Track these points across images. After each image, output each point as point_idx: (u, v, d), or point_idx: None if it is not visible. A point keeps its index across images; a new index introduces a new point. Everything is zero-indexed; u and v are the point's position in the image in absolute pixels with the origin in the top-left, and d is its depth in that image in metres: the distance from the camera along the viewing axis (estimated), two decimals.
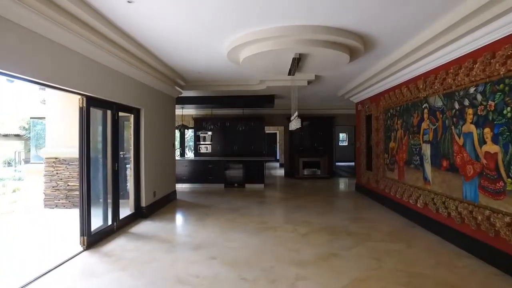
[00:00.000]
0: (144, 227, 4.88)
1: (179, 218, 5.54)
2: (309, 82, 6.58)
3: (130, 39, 4.14)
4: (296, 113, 4.56)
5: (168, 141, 6.90)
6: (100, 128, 4.49)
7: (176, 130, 10.48)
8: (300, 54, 4.20)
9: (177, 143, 12.47)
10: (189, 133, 15.47)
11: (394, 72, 5.25)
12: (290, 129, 5.48)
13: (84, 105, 3.85)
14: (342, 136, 18.76)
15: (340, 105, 11.16)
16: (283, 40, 3.87)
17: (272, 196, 7.67)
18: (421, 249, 3.79)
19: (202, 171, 9.05)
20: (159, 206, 6.07)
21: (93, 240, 3.93)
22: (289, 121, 11.64)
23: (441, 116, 4.16)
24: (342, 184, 9.77)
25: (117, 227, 4.61)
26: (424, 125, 4.61)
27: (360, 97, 7.66)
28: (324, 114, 11.49)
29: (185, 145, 13.23)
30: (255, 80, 6.82)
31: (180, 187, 8.91)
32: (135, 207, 5.35)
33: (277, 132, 16.50)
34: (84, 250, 3.76)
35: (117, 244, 4.02)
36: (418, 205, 4.74)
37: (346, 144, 18.82)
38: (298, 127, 4.56)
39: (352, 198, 7.21)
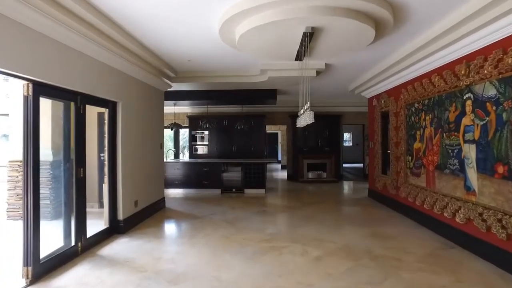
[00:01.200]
0: (118, 247, 3.96)
1: (163, 234, 4.61)
2: (318, 73, 5.66)
3: (98, 13, 3.24)
4: (308, 105, 3.63)
5: (155, 141, 5.98)
6: (65, 125, 3.58)
7: (168, 130, 9.59)
8: (312, 28, 3.27)
9: (171, 144, 11.57)
10: (185, 133, 14.58)
11: (423, 57, 4.32)
12: (298, 125, 4.56)
13: (30, 93, 2.93)
14: (347, 136, 17.84)
15: (348, 102, 10.28)
16: (292, 8, 2.95)
17: (274, 204, 6.75)
18: (477, 284, 2.87)
19: (196, 175, 8.13)
20: (141, 218, 5.15)
21: (42, 270, 3.01)
22: (293, 118, 10.80)
23: (494, 108, 3.23)
24: (351, 188, 8.84)
25: (83, 248, 3.68)
26: (466, 120, 3.69)
27: (375, 91, 6.74)
28: (331, 112, 10.57)
29: (180, 145, 12.31)
30: (255, 69, 5.90)
31: (171, 192, 8.00)
32: (110, 220, 4.43)
33: (279, 132, 15.59)
34: (27, 286, 2.83)
35: (75, 275, 3.09)
36: (458, 220, 3.81)
37: (351, 144, 17.96)
38: (309, 122, 3.62)
39: (366, 207, 6.28)
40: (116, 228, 4.47)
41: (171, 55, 5.00)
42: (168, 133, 11.48)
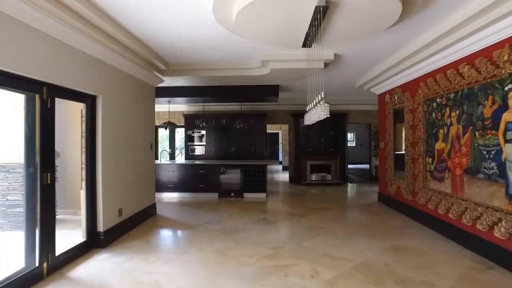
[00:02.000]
0: (95, 265, 3.36)
1: (149, 248, 4.00)
2: (326, 66, 5.06)
3: None
4: (323, 95, 3.01)
5: (145, 141, 5.38)
6: (27, 122, 2.98)
7: (163, 129, 9.00)
8: (327, 1, 2.68)
9: (166, 144, 11.00)
10: (183, 133, 13.97)
11: (449, 44, 3.74)
12: (307, 122, 3.95)
13: None
14: (350, 136, 17.25)
15: (354, 99, 9.71)
16: None
17: (276, 210, 6.15)
18: None
19: (192, 178, 7.54)
20: (127, 228, 4.55)
21: None
22: (295, 117, 10.20)
23: None
24: (358, 192, 8.23)
25: (49, 269, 3.08)
26: (508, 116, 3.09)
27: (387, 87, 6.14)
28: (335, 110, 9.94)
29: (177, 146, 11.72)
30: (255, 61, 5.30)
31: (165, 197, 7.40)
32: (88, 232, 3.83)
33: (280, 131, 15.00)
34: None
35: None
36: (497, 234, 3.21)
37: (354, 144, 17.38)
38: (323, 117, 3.02)
39: (378, 214, 5.68)
40: (95, 242, 3.87)
41: (160, 43, 4.40)
42: (164, 133, 10.89)
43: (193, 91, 7.44)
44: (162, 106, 9.74)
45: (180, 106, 10.20)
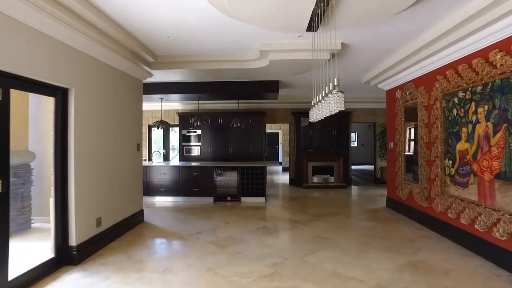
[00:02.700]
0: None
1: (130, 264, 3.46)
2: (332, 56, 4.53)
3: None
4: (335, 82, 2.45)
5: (131, 141, 4.85)
6: None
7: (155, 128, 8.47)
8: None
9: (160, 145, 10.47)
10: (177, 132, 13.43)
11: (478, 28, 3.21)
12: (313, 119, 3.42)
13: None
14: (351, 136, 16.75)
15: (358, 97, 9.18)
16: None
17: (277, 216, 5.61)
18: None
19: (185, 181, 7.00)
20: (107, 239, 4.01)
21: None
22: (296, 116, 9.64)
23: None
24: (364, 196, 7.70)
25: None
26: None
27: (397, 82, 5.62)
28: None
29: (171, 146, 11.18)
30: (253, 52, 4.77)
31: (157, 201, 6.86)
32: (58, 247, 3.29)
33: (280, 131, 14.47)
34: None
35: None
36: None
37: (356, 144, 16.86)
38: (336, 110, 2.47)
39: (388, 221, 5.15)
40: (67, 258, 3.33)
41: (144, 30, 3.87)
42: (158, 133, 10.36)
43: (186, 87, 6.91)
44: (156, 104, 9.21)
45: (174, 104, 9.68)
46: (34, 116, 4.77)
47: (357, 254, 3.62)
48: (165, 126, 7.70)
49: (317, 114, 3.07)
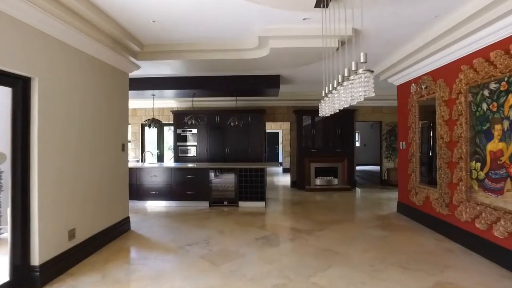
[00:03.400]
0: None
1: (104, 287, 2.91)
2: (341, 44, 4.00)
3: None
4: (362, 58, 1.90)
5: (114, 140, 4.31)
6: None
7: (153, 128, 7.93)
8: None
9: (154, 145, 9.89)
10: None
11: None
12: (324, 112, 2.89)
13: None
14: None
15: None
16: None
17: (277, 224, 5.06)
18: None
19: (178, 184, 6.46)
20: (83, 254, 3.46)
21: None
22: (298, 114, 9.05)
23: None
24: (371, 200, 7.15)
25: None
26: None
27: (410, 75, 5.08)
28: None
29: (166, 146, 10.63)
30: (251, 39, 4.22)
31: (147, 206, 6.32)
32: (16, 267, 2.74)
33: (280, 130, 13.93)
34: None
35: None
36: None
37: (358, 144, 16.34)
38: (363, 98, 1.93)
39: (402, 230, 4.61)
40: (27, 280, 2.79)
41: (124, 10, 3.32)
42: (153, 132, 9.81)
43: (179, 82, 6.38)
44: (149, 102, 8.66)
45: (169, 102, 9.15)
46: (4, 113, 4.22)
47: (373, 273, 3.08)
48: (158, 125, 7.15)
49: (331, 106, 2.51)
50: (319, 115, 3.09)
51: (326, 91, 2.77)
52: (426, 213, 4.69)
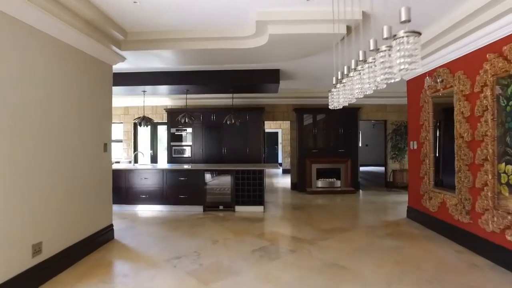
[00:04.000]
0: None
1: None
2: (348, 33, 3.53)
3: None
4: (405, 15, 1.45)
5: (93, 139, 3.84)
6: None
7: (139, 126, 7.46)
8: None
9: (148, 145, 9.39)
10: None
11: None
12: (334, 105, 2.43)
13: None
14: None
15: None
16: None
17: (277, 233, 4.59)
18: None
19: (170, 187, 5.98)
20: (53, 271, 2.99)
21: None
22: (299, 112, 8.59)
23: None
24: (377, 203, 6.69)
25: None
26: None
27: (422, 68, 4.62)
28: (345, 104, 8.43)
29: (159, 147, 10.15)
30: (248, 26, 3.75)
31: (137, 211, 5.84)
32: None
33: (280, 130, 13.46)
34: None
35: None
36: None
37: (360, 144, 15.87)
38: (411, 75, 1.48)
39: (417, 239, 4.15)
40: None
41: None
42: (148, 132, 9.34)
43: (171, 77, 5.92)
44: (142, 100, 8.18)
45: (163, 100, 8.69)
46: None
47: None
48: (149, 124, 6.67)
49: (346, 95, 2.03)
50: (330, 107, 2.63)
51: (345, 73, 2.27)
52: (442, 220, 4.23)
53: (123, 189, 6.04)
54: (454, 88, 3.92)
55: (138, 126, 6.76)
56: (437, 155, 4.57)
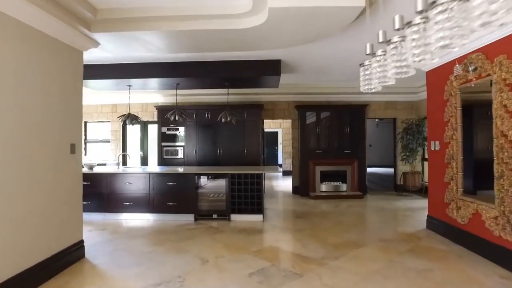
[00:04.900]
0: None
1: None
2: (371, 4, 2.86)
3: None
4: None
5: (57, 139, 3.16)
6: None
7: (123, 125, 6.79)
8: None
9: (138, 145, 8.67)
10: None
11: None
12: (368, 87, 1.78)
13: None
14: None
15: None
16: None
17: (280, 250, 3.91)
18: None
19: (157, 193, 5.30)
20: None
21: None
22: (301, 110, 7.89)
23: None
24: (389, 211, 6.01)
25: None
26: None
27: (448, 56, 3.96)
28: (352, 101, 7.80)
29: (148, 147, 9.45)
30: (243, 0, 3.09)
31: (121, 220, 5.16)
32: None
33: (280, 129, 12.78)
34: None
35: None
36: None
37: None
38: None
39: (445, 258, 3.48)
40: None
41: None
42: (135, 131, 8.64)
43: (159, 69, 5.25)
44: (132, 97, 7.48)
45: (153, 97, 8.01)
46: None
47: None
48: (135, 122, 5.98)
49: (382, 73, 1.37)
50: (362, 90, 1.95)
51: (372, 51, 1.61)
52: (476, 236, 3.56)
53: (104, 195, 5.36)
54: (493, 76, 3.25)
55: (123, 125, 6.07)
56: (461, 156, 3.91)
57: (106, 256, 3.61)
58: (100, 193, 5.37)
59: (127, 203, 5.34)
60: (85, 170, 5.54)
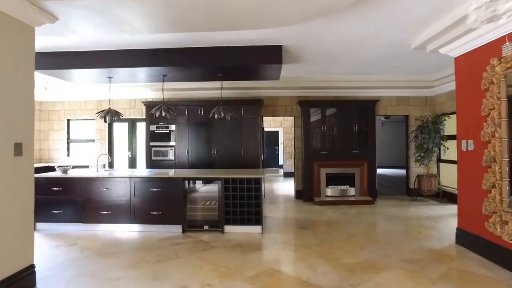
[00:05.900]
0: None
1: None
2: None
3: None
4: None
5: (2, 139, 2.43)
6: None
7: (105, 122, 6.08)
8: None
9: (125, 144, 7.86)
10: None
11: None
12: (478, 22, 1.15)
13: None
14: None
15: (386, 79, 6.88)
16: None
17: (282, 274, 3.16)
18: None
19: (140, 200, 4.57)
20: None
21: None
22: (304, 105, 7.11)
23: None
24: (405, 219, 5.26)
25: None
26: None
27: (485, 37, 3.22)
28: (360, 96, 7.07)
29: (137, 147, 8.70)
30: None
31: (97, 231, 4.42)
32: None
33: (280, 129, 12.03)
34: None
35: None
36: None
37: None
38: None
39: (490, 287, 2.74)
40: None
41: None
42: (123, 129, 7.91)
43: (142, 56, 4.55)
44: (119, 92, 6.74)
45: (142, 92, 7.30)
46: None
47: None
48: (116, 118, 5.24)
49: None
50: (468, 22, 1.22)
51: None
52: None
53: (79, 203, 4.63)
54: None
55: (104, 122, 5.32)
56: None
57: (63, 284, 2.87)
58: (74, 200, 4.64)
59: (105, 212, 4.60)
60: (58, 173, 4.86)
